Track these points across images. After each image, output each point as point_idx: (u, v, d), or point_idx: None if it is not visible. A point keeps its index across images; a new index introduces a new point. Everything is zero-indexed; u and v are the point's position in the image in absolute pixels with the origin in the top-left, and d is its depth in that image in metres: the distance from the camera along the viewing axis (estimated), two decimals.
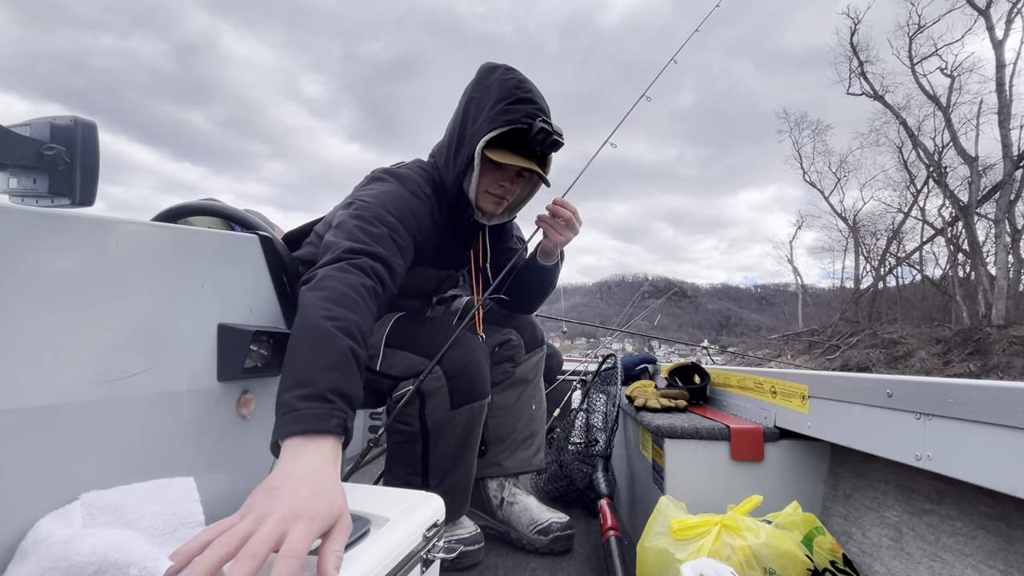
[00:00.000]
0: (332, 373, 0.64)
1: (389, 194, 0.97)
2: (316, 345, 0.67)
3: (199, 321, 0.74)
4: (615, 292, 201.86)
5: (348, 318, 0.71)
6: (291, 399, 0.61)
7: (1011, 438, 0.61)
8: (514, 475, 1.32)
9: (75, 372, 0.57)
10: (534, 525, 1.23)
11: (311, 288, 0.76)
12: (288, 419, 0.59)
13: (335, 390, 0.63)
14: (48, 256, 0.57)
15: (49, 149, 0.68)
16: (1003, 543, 0.70)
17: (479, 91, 1.05)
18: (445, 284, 1.31)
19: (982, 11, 13.75)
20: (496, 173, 1.08)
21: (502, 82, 1.03)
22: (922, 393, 0.74)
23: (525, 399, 1.33)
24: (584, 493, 1.52)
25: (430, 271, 1.20)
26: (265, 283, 0.90)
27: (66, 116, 0.70)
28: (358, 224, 0.88)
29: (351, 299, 0.75)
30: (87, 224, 0.61)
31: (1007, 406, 0.61)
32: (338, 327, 0.69)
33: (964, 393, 0.67)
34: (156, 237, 0.70)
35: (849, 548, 0.94)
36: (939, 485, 0.82)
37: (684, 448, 1.09)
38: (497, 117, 1.00)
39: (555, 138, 1.03)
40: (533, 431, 1.34)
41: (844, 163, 20.18)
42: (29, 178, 0.69)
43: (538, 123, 1.01)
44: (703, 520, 0.84)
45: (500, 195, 1.11)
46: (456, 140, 1.07)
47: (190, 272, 0.74)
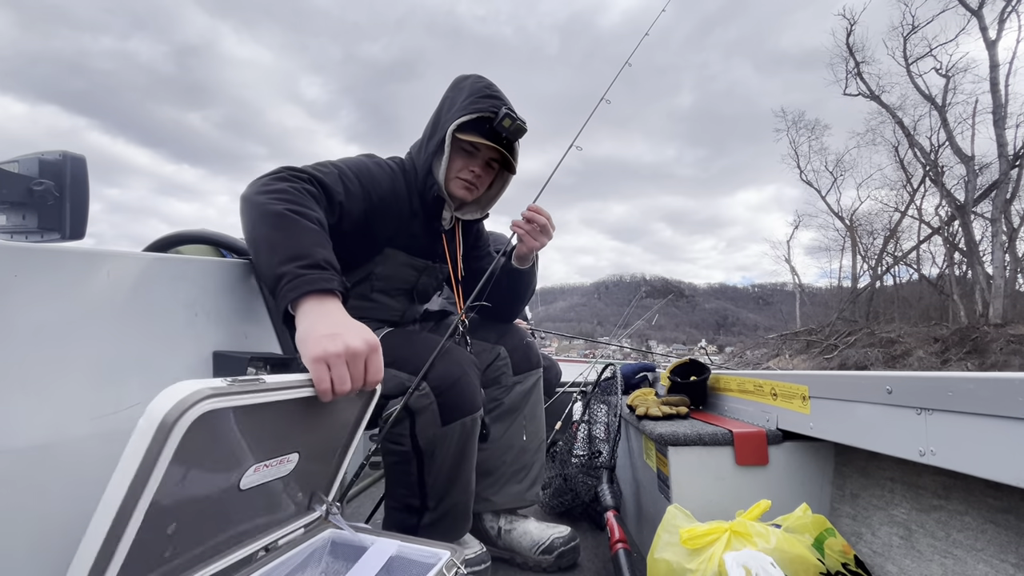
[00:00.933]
0: (317, 249, 0.77)
1: (350, 158, 1.10)
2: (291, 228, 0.78)
3: (194, 350, 0.74)
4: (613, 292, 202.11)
5: (304, 211, 0.82)
6: (294, 269, 0.72)
7: (1012, 429, 0.61)
8: (506, 511, 1.27)
9: (69, 408, 0.57)
10: (536, 546, 1.21)
11: (257, 192, 0.84)
12: (298, 283, 0.71)
13: (326, 260, 0.76)
14: (39, 291, 0.56)
15: (38, 184, 0.68)
16: (1013, 536, 0.69)
17: (453, 92, 1.17)
18: (424, 279, 1.27)
19: (974, 12, 13.98)
20: (466, 159, 1.15)
21: (473, 83, 1.15)
22: (921, 388, 0.74)
23: (514, 431, 1.28)
24: (590, 506, 1.50)
25: (403, 256, 1.19)
26: (259, 308, 0.89)
27: (54, 151, 0.70)
28: (308, 165, 0.99)
29: (302, 198, 0.85)
30: (78, 257, 0.61)
31: (1006, 397, 0.61)
32: (300, 215, 0.81)
33: (963, 386, 0.67)
34: (148, 267, 0.69)
35: (860, 549, 0.93)
36: (945, 480, 0.82)
37: (688, 455, 1.08)
38: (467, 106, 1.11)
39: (519, 124, 1.11)
40: (525, 463, 1.27)
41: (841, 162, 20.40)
42: (18, 214, 0.69)
43: (503, 110, 1.10)
44: (712, 528, 0.83)
45: (470, 180, 1.16)
46: (430, 130, 1.18)
47: (183, 301, 0.74)
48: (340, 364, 0.66)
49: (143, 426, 0.51)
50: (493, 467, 1.25)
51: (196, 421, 0.53)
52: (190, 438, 0.53)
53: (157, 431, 0.50)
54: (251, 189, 0.88)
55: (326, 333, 0.68)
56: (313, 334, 0.68)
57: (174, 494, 0.56)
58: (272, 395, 0.63)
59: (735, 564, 0.75)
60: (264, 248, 0.78)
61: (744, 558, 0.75)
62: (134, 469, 0.50)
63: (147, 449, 0.50)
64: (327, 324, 0.70)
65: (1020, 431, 0.60)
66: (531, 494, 1.27)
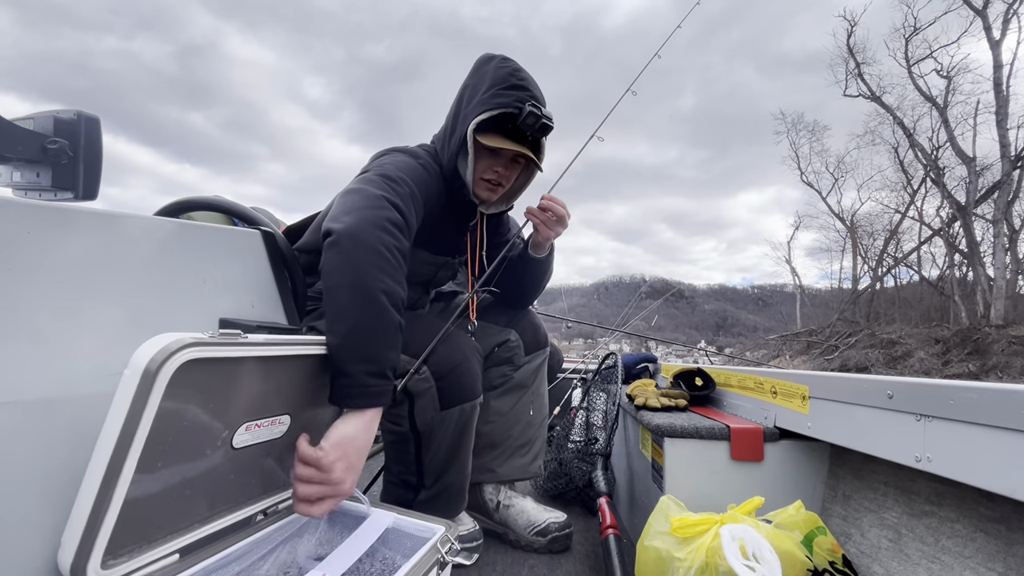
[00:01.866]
0: (390, 353, 0.77)
1: (403, 163, 1.03)
2: (377, 320, 0.76)
3: (200, 316, 0.74)
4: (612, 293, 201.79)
5: (395, 292, 0.79)
6: (360, 374, 0.74)
7: (1011, 440, 0.61)
8: (509, 482, 1.31)
9: (77, 365, 0.57)
10: (531, 527, 1.23)
11: (356, 243, 0.78)
12: (359, 392, 0.74)
13: (393, 368, 0.77)
14: (50, 249, 0.57)
15: (53, 143, 0.68)
16: (1002, 545, 0.70)
17: (475, 78, 1.09)
18: (442, 273, 1.28)
19: (979, 11, 13.66)
20: (490, 159, 1.10)
21: (496, 69, 1.06)
22: (923, 395, 0.74)
23: (522, 405, 1.31)
24: (583, 491, 1.52)
25: (426, 255, 1.18)
26: (267, 278, 0.90)
27: (70, 110, 0.70)
28: (384, 181, 0.93)
29: (393, 265, 0.80)
30: (90, 218, 0.61)
31: (1007, 408, 0.61)
32: (391, 301, 0.77)
33: (965, 395, 0.67)
34: (158, 232, 0.70)
35: (848, 549, 0.94)
36: (939, 487, 0.82)
37: (684, 447, 1.09)
38: (488, 100, 1.03)
39: (544, 122, 1.04)
40: (530, 438, 1.31)
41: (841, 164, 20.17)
42: (32, 172, 0.69)
43: (527, 107, 1.02)
44: (703, 518, 0.84)
45: (495, 181, 1.12)
46: (451, 124, 1.11)
47: (192, 267, 0.74)
48: (348, 477, 0.73)
49: (128, 375, 0.52)
50: (500, 439, 1.28)
51: (180, 369, 0.55)
52: (176, 387, 0.55)
53: (142, 379, 0.52)
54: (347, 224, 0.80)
55: (351, 464, 0.73)
56: (354, 446, 0.74)
57: (167, 444, 0.58)
58: (255, 350, 0.65)
59: (730, 537, 0.75)
60: (343, 325, 0.75)
61: (740, 532, 0.76)
62: (123, 416, 0.52)
63: (134, 396, 0.52)
64: (358, 447, 0.74)
65: (1018, 443, 0.60)
66: (534, 467, 1.30)
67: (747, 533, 0.76)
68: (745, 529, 0.77)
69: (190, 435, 0.60)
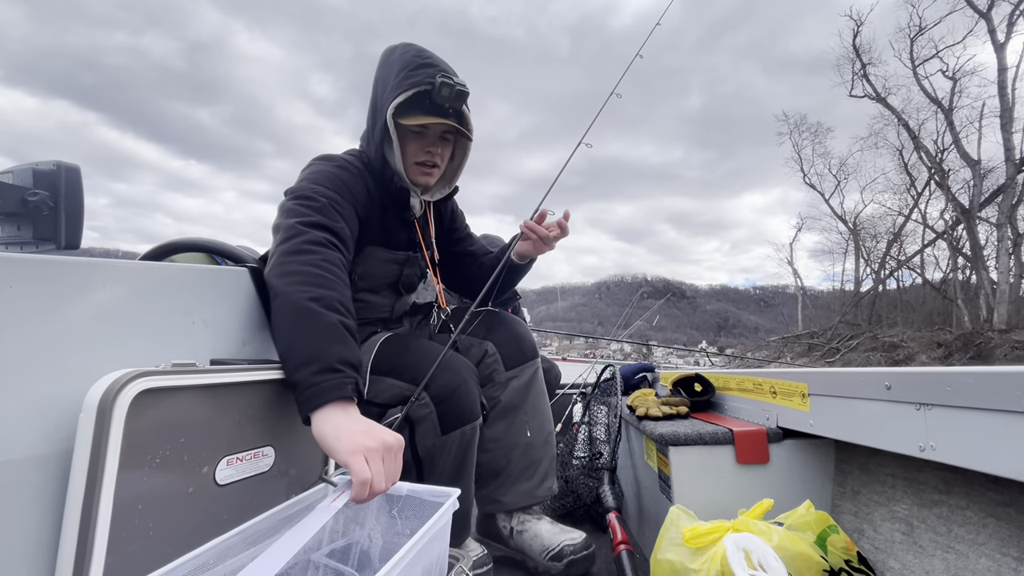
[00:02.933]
0: (334, 347, 0.74)
1: (319, 172, 1.04)
2: (309, 324, 0.76)
3: (191, 358, 0.73)
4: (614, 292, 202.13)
5: (327, 296, 0.79)
6: (307, 376, 0.70)
7: (1012, 423, 0.61)
8: (518, 509, 1.21)
9: (64, 417, 0.56)
10: (546, 551, 1.16)
11: (279, 275, 0.82)
12: (312, 393, 0.70)
13: (341, 360, 0.73)
14: (35, 302, 0.56)
15: (32, 195, 0.67)
16: (1015, 530, 0.69)
17: (384, 69, 1.09)
18: (408, 270, 1.24)
19: (983, 14, 13.87)
20: (419, 141, 1.10)
21: (402, 55, 1.07)
22: (920, 383, 0.74)
23: (517, 428, 1.21)
24: (592, 508, 1.50)
25: (384, 253, 1.16)
26: (257, 315, 0.89)
27: (49, 161, 0.70)
28: (298, 203, 0.94)
29: (321, 277, 0.82)
30: (74, 267, 0.61)
31: (1005, 391, 0.62)
32: (322, 305, 0.77)
33: (962, 381, 0.68)
34: (144, 276, 0.69)
35: (862, 545, 0.93)
36: (946, 475, 0.82)
37: (689, 455, 1.08)
38: (400, 83, 1.03)
39: (460, 89, 1.04)
40: (533, 459, 1.21)
41: (844, 165, 20.40)
42: (13, 225, 0.69)
43: (439, 78, 1.02)
44: (714, 527, 0.83)
45: (428, 162, 1.12)
46: (371, 117, 1.11)
47: (180, 309, 0.74)
48: (378, 459, 0.66)
49: (84, 416, 0.52)
50: (500, 467, 1.20)
51: (135, 401, 0.54)
52: (136, 420, 0.54)
53: (98, 415, 0.52)
54: (270, 269, 0.84)
55: (360, 430, 0.68)
56: (346, 431, 0.67)
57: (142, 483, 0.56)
58: (210, 378, 0.64)
59: (735, 547, 0.75)
60: (283, 344, 0.76)
61: (745, 541, 0.76)
62: (87, 458, 0.51)
63: (94, 435, 0.51)
64: (357, 422, 0.70)
65: (1020, 425, 0.60)
66: (542, 490, 1.21)
67: (751, 542, 0.75)
68: (749, 538, 0.76)
69: (166, 473, 0.59)
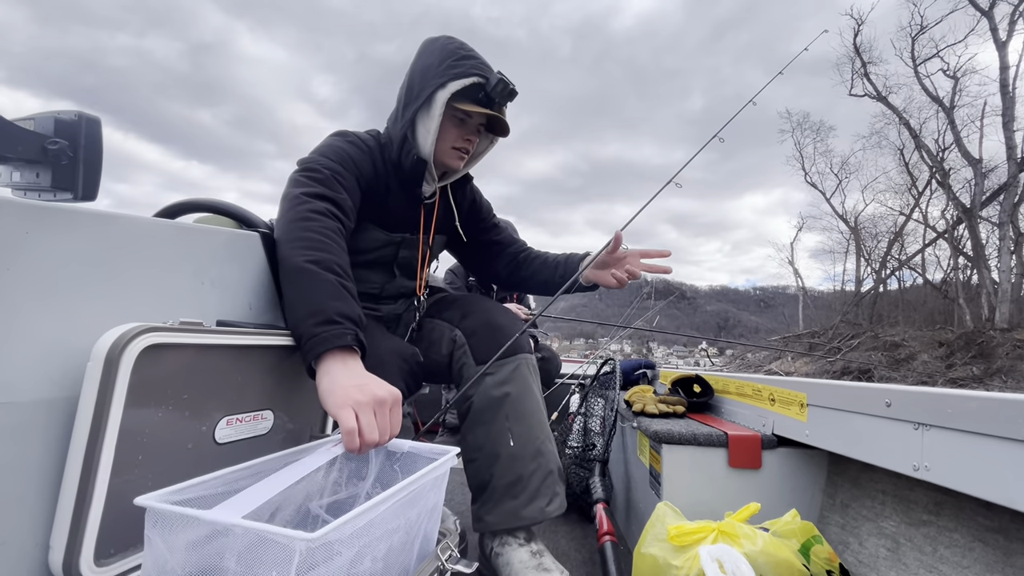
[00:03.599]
0: (333, 303, 0.78)
1: (326, 145, 1.07)
2: (308, 283, 0.80)
3: (198, 317, 0.74)
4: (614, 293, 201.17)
5: (325, 259, 0.83)
6: (308, 328, 0.75)
7: (1009, 450, 0.61)
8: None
9: (73, 366, 0.57)
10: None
11: (283, 242, 0.87)
12: (312, 343, 0.73)
13: (340, 314, 0.77)
14: (49, 250, 0.57)
15: (53, 144, 0.68)
16: (1001, 556, 0.69)
17: (426, 57, 1.09)
18: (404, 252, 1.19)
19: (985, 12, 13.56)
20: (460, 128, 1.11)
21: (445, 46, 1.08)
22: (921, 403, 0.74)
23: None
24: (581, 497, 1.51)
25: (378, 232, 1.14)
26: (266, 281, 0.90)
27: (70, 111, 0.70)
28: (303, 174, 0.98)
29: (320, 242, 0.86)
30: (89, 218, 0.61)
31: (1006, 418, 0.61)
32: (320, 267, 0.82)
33: (963, 404, 0.67)
34: (157, 233, 0.70)
35: (846, 558, 0.94)
36: (937, 496, 0.82)
37: (682, 454, 1.09)
38: (449, 72, 1.04)
39: (512, 88, 1.07)
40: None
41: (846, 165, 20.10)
42: (32, 172, 0.70)
43: (496, 74, 1.06)
44: (700, 526, 0.84)
45: (466, 149, 1.14)
46: (404, 99, 1.11)
47: (190, 268, 0.74)
48: (368, 412, 0.68)
49: (92, 365, 0.54)
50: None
51: (142, 355, 0.56)
52: (141, 373, 0.56)
53: (105, 366, 0.53)
54: (278, 232, 0.89)
55: (352, 384, 0.70)
56: (339, 385, 0.69)
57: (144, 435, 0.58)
58: (217, 338, 0.66)
59: (709, 558, 0.76)
60: (287, 305, 0.82)
61: (718, 552, 0.77)
62: (92, 407, 0.53)
63: (100, 385, 0.53)
64: (351, 376, 0.72)
65: (1017, 453, 0.60)
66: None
67: (724, 552, 0.76)
68: (723, 549, 0.77)
69: (167, 427, 0.60)
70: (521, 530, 1.03)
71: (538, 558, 0.99)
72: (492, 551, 1.04)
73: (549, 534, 1.40)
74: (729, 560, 0.75)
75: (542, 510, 1.02)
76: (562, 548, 1.32)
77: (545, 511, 1.02)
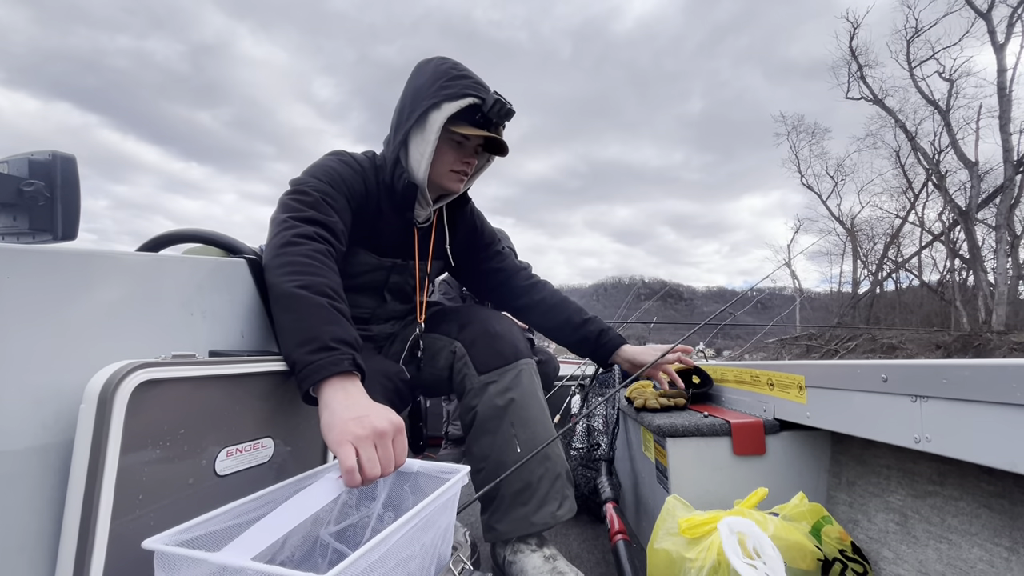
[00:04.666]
0: (327, 327, 0.76)
1: (317, 166, 1.05)
2: (300, 309, 0.78)
3: (190, 349, 0.73)
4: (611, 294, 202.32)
5: (315, 283, 0.81)
6: (303, 356, 0.72)
7: (1006, 415, 0.61)
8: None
9: (66, 409, 0.56)
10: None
11: (271, 268, 0.85)
12: (308, 371, 0.71)
13: (335, 339, 0.75)
14: (33, 292, 0.56)
15: (28, 185, 0.67)
16: (1007, 520, 0.70)
17: (418, 78, 1.08)
18: (395, 277, 1.17)
19: (983, 14, 13.67)
20: (458, 151, 1.09)
21: (437, 66, 1.07)
22: (916, 376, 0.75)
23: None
24: (589, 498, 1.51)
25: (368, 256, 1.12)
26: (256, 307, 0.89)
27: (44, 151, 0.69)
28: (292, 198, 0.96)
29: (309, 266, 0.85)
30: (71, 258, 0.61)
31: (1001, 383, 0.62)
32: (311, 291, 0.80)
33: (958, 373, 0.68)
34: (143, 267, 0.69)
35: (856, 535, 0.94)
36: (940, 466, 0.83)
37: (686, 446, 1.09)
38: (442, 93, 1.02)
39: (508, 107, 1.05)
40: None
41: (842, 167, 20.33)
42: (9, 216, 0.68)
43: (492, 95, 1.04)
44: (711, 516, 0.84)
45: (464, 171, 1.12)
46: (396, 121, 1.10)
47: (179, 300, 0.73)
48: (368, 447, 0.65)
49: (85, 407, 0.53)
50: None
51: (136, 392, 0.55)
52: (136, 412, 0.55)
53: (99, 407, 0.52)
54: (266, 258, 0.88)
55: (351, 417, 0.67)
56: (337, 418, 0.67)
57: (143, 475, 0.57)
58: (211, 369, 0.65)
59: (729, 531, 0.75)
60: (279, 333, 0.80)
61: (739, 525, 0.76)
62: (87, 449, 0.52)
63: (94, 426, 0.52)
64: (350, 408, 0.69)
65: (1014, 417, 0.60)
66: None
67: (747, 527, 0.76)
68: (744, 523, 0.77)
69: (166, 464, 0.59)
70: (533, 536, 1.02)
71: (552, 562, 0.98)
72: (505, 560, 1.03)
73: (561, 537, 1.39)
74: (752, 535, 0.74)
75: (553, 515, 1.01)
76: (575, 550, 1.32)
77: (556, 515, 1.01)
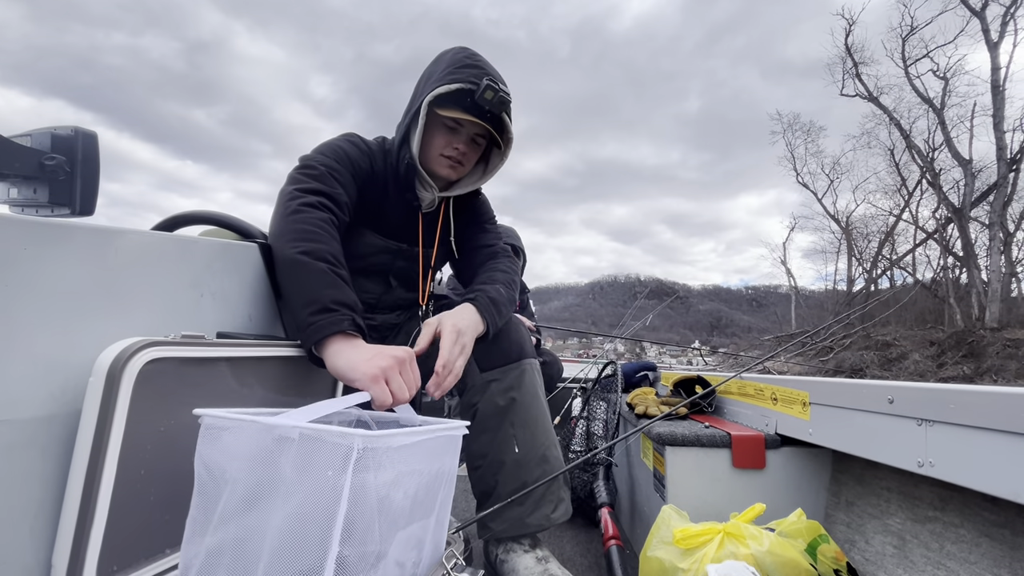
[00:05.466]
0: (327, 291, 0.80)
1: (326, 144, 1.09)
2: (302, 274, 0.83)
3: (198, 330, 0.74)
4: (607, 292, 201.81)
5: (316, 249, 0.85)
6: (305, 317, 0.78)
7: (1013, 444, 0.61)
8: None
9: (74, 382, 0.57)
10: None
11: (275, 236, 0.90)
12: (311, 331, 0.76)
13: (335, 301, 0.79)
14: (48, 265, 0.57)
15: (50, 159, 0.68)
16: (1007, 550, 0.69)
17: (432, 66, 1.11)
18: (400, 262, 1.19)
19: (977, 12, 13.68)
20: (448, 136, 1.10)
21: (454, 55, 1.08)
22: (923, 399, 0.74)
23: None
24: (585, 502, 1.51)
25: (377, 240, 1.14)
26: (264, 291, 0.90)
27: (67, 126, 0.70)
28: (299, 171, 1.01)
29: (311, 233, 0.88)
30: (87, 233, 0.61)
31: (1009, 412, 0.61)
32: (312, 257, 0.84)
33: (965, 399, 0.67)
34: (155, 247, 0.70)
35: (852, 556, 0.93)
36: (942, 492, 0.82)
37: (685, 456, 1.08)
38: (444, 77, 1.04)
39: (502, 95, 1.03)
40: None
41: (837, 165, 20.26)
42: (29, 188, 0.69)
43: (484, 81, 1.02)
44: (706, 528, 0.84)
45: (455, 157, 1.11)
46: (407, 108, 1.12)
47: (189, 281, 0.74)
48: (395, 375, 0.73)
49: (93, 381, 0.53)
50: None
51: (144, 370, 0.55)
52: (143, 388, 0.55)
53: (107, 382, 0.53)
54: (271, 226, 0.92)
55: (371, 355, 0.73)
56: (359, 360, 0.73)
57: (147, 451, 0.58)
58: (219, 351, 0.66)
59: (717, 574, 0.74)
60: (284, 297, 0.86)
61: (726, 569, 0.75)
62: (93, 423, 0.53)
63: (102, 400, 0.52)
64: (364, 351, 0.75)
65: (1021, 446, 0.60)
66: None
67: (732, 569, 0.75)
68: (731, 565, 0.76)
69: (171, 441, 0.60)
70: (526, 536, 1.01)
71: (544, 564, 0.97)
72: (497, 558, 1.02)
73: (554, 539, 1.39)
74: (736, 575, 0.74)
75: (547, 517, 1.00)
76: (567, 553, 1.32)
77: (550, 518, 1.00)
